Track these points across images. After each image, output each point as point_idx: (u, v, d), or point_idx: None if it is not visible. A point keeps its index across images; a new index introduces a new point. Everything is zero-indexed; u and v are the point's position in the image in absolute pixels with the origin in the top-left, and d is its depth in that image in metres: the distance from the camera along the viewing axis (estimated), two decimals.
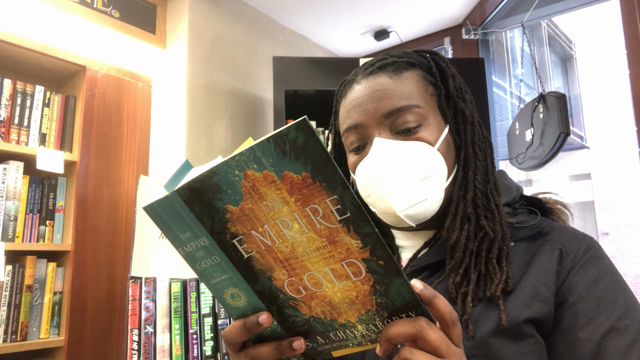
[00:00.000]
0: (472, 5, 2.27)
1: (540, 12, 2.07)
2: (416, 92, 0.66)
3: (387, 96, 0.65)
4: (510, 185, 0.73)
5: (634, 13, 1.52)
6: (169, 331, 1.46)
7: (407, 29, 2.48)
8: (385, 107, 0.64)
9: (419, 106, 0.65)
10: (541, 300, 0.59)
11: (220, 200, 0.42)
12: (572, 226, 0.71)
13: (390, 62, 0.68)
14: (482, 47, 2.35)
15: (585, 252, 0.63)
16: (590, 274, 0.61)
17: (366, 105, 0.65)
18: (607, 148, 9.16)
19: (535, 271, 0.61)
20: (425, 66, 0.70)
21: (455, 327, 0.45)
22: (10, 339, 1.51)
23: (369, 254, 0.43)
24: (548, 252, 0.63)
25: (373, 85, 0.66)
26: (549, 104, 1.68)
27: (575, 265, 0.61)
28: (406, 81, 0.66)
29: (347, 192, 0.40)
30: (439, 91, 0.69)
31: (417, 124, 0.64)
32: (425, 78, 0.68)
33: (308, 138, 0.38)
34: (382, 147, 0.64)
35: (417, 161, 0.63)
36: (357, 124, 0.66)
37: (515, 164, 1.91)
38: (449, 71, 0.70)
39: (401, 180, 0.62)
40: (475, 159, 0.67)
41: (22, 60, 1.72)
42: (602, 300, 0.59)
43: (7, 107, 1.60)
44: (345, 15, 2.33)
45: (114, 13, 1.87)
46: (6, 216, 1.55)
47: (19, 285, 1.55)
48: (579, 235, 0.66)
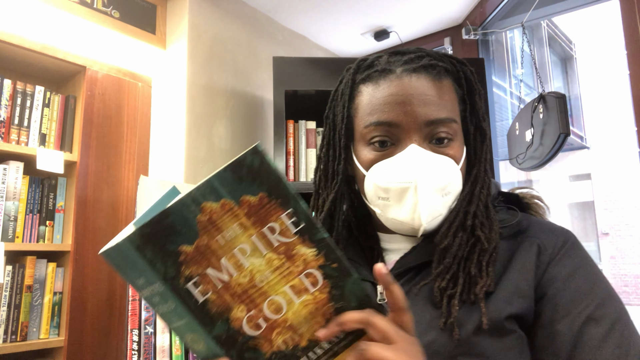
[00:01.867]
0: (472, 6, 2.27)
1: (540, 12, 2.07)
2: (453, 105, 0.66)
3: (432, 103, 0.63)
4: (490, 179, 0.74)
5: (634, 13, 1.52)
6: (169, 331, 1.46)
7: (407, 29, 2.48)
8: (430, 115, 0.62)
9: (455, 121, 0.65)
10: (521, 296, 0.60)
11: (174, 242, 0.42)
12: (549, 220, 0.72)
13: (433, 64, 0.65)
14: (482, 48, 2.35)
15: (562, 245, 0.64)
16: (567, 266, 0.62)
17: (409, 107, 0.62)
18: (607, 148, 9.16)
19: (515, 268, 0.62)
20: (455, 76, 0.68)
21: (405, 314, 0.47)
22: (10, 339, 1.51)
23: (324, 259, 0.46)
24: (527, 249, 0.64)
25: (418, 87, 0.63)
26: (548, 104, 1.68)
27: (552, 259, 0.63)
28: (446, 90, 0.65)
29: (300, 204, 0.44)
30: (464, 106, 0.68)
31: (450, 138, 0.64)
32: (455, 89, 0.67)
33: (262, 161, 0.43)
34: (420, 157, 0.62)
35: (445, 177, 0.63)
36: (393, 122, 0.63)
37: (515, 164, 1.91)
38: (476, 86, 0.69)
39: (434, 195, 0.62)
40: (485, 176, 0.68)
41: (22, 60, 1.72)
42: (580, 291, 0.60)
43: (7, 107, 1.60)
44: (345, 15, 2.33)
45: (114, 13, 1.87)
46: (6, 216, 1.55)
47: (19, 285, 1.55)
48: (556, 229, 0.67)
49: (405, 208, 0.62)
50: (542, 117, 1.71)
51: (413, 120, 0.62)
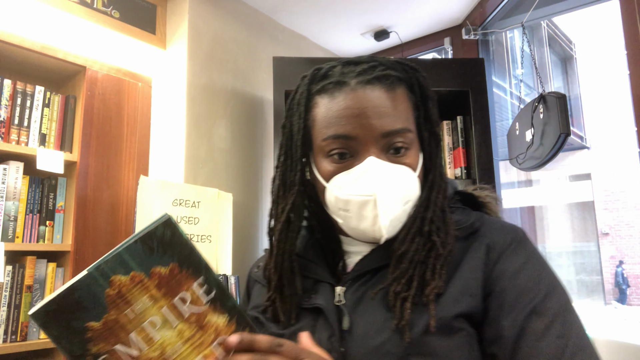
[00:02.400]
0: (472, 6, 2.27)
1: (540, 12, 2.07)
2: (408, 113, 0.67)
3: (387, 114, 0.64)
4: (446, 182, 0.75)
5: (634, 13, 1.52)
6: None
7: (407, 29, 2.48)
8: (386, 127, 0.63)
9: (410, 130, 0.66)
10: (470, 295, 0.62)
11: (80, 319, 0.41)
12: (501, 219, 0.74)
13: (386, 74, 0.66)
14: (482, 48, 2.35)
15: (510, 243, 0.66)
16: (514, 263, 0.64)
17: (365, 119, 0.63)
18: (607, 148, 9.16)
19: (465, 268, 0.64)
20: (408, 83, 0.69)
21: (283, 348, 0.48)
22: (10, 339, 1.51)
23: (236, 325, 0.46)
24: (477, 248, 0.65)
25: (373, 99, 0.64)
26: (549, 104, 1.68)
27: (500, 256, 0.64)
28: (400, 99, 0.66)
29: (211, 272, 0.45)
30: (418, 113, 0.69)
31: (406, 147, 0.65)
32: (409, 97, 0.68)
33: (174, 232, 0.43)
34: (378, 169, 0.63)
35: (404, 187, 0.64)
36: (350, 135, 0.64)
37: (516, 164, 1.91)
38: (429, 92, 0.70)
39: (394, 205, 0.63)
40: (441, 181, 0.69)
41: (22, 60, 1.72)
42: (525, 286, 0.61)
43: (7, 107, 1.60)
44: (345, 15, 2.33)
45: (114, 13, 1.87)
46: (6, 216, 1.55)
47: (19, 285, 1.55)
48: (505, 227, 0.69)
49: (367, 220, 0.63)
50: (542, 117, 1.71)
51: (370, 133, 0.63)
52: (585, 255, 9.48)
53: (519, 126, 1.92)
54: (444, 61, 2.30)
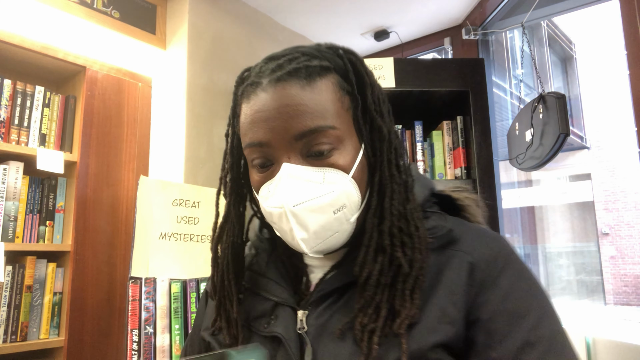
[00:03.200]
0: (472, 6, 2.27)
1: (540, 12, 2.07)
2: (332, 108, 0.57)
3: (299, 113, 0.55)
4: (417, 185, 0.66)
5: (634, 13, 1.52)
6: (169, 331, 1.46)
7: (407, 30, 2.48)
8: (297, 128, 0.55)
9: (334, 127, 0.56)
10: (449, 322, 0.54)
11: None
12: (482, 227, 0.66)
13: (302, 66, 0.57)
14: (482, 48, 2.35)
15: (496, 259, 0.58)
16: (502, 286, 0.56)
17: (274, 123, 0.55)
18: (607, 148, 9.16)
19: (443, 290, 0.56)
20: (341, 69, 0.60)
21: None
22: (10, 339, 1.51)
23: None
24: (456, 267, 0.57)
25: (282, 98, 0.55)
26: (548, 104, 1.68)
27: (485, 279, 0.57)
28: (321, 93, 0.56)
29: None
30: (356, 103, 0.60)
31: (331, 147, 0.56)
32: (340, 86, 0.59)
33: None
34: (291, 177, 0.55)
35: (331, 193, 0.56)
36: (263, 142, 0.57)
37: (515, 164, 1.91)
38: (367, 79, 0.61)
39: (315, 216, 0.56)
40: (392, 182, 0.59)
41: (22, 60, 1.72)
42: (515, 313, 0.55)
43: (7, 107, 1.60)
44: (345, 15, 2.33)
45: (114, 13, 1.87)
46: (6, 216, 1.55)
47: (18, 285, 1.55)
48: (489, 239, 0.61)
49: (288, 234, 0.58)
50: (542, 117, 1.71)
51: (281, 137, 0.55)
52: (585, 255, 9.48)
53: (518, 126, 1.92)
54: (444, 61, 2.30)
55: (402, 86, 1.81)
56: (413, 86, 1.81)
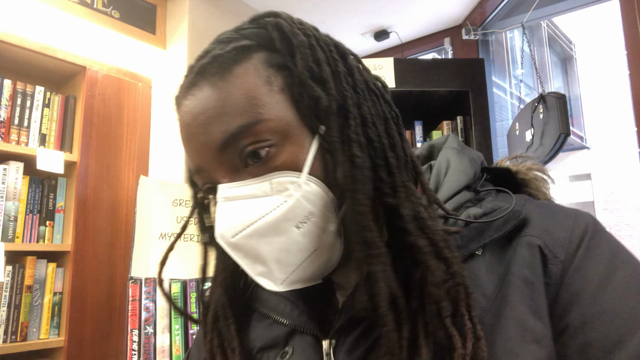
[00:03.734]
0: (472, 6, 2.27)
1: (540, 12, 2.07)
2: (256, 96, 0.43)
3: (214, 119, 0.43)
4: (465, 159, 0.53)
5: (634, 13, 1.52)
6: (169, 332, 1.46)
7: (407, 30, 2.48)
8: (216, 138, 0.43)
9: (262, 120, 0.42)
10: (535, 340, 0.40)
11: None
12: (554, 203, 0.51)
13: (213, 58, 0.45)
14: (482, 48, 2.35)
15: (580, 242, 0.44)
16: (593, 277, 0.42)
17: (195, 141, 0.44)
18: (607, 148, 9.17)
19: (516, 294, 0.42)
20: (268, 42, 0.46)
21: None
22: (10, 339, 1.51)
23: None
24: (527, 259, 0.43)
25: (195, 106, 0.44)
26: (549, 104, 1.68)
27: (567, 269, 0.42)
28: (239, 82, 0.44)
29: None
30: (293, 79, 0.45)
31: (269, 144, 0.43)
32: (268, 63, 0.45)
33: None
34: (228, 201, 0.44)
35: (283, 204, 0.42)
36: (197, 168, 0.46)
37: None
38: (295, 39, 0.45)
39: (266, 244, 0.43)
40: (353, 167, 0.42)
41: (22, 60, 1.72)
42: (619, 314, 0.40)
43: (7, 107, 1.60)
44: (345, 15, 2.33)
45: (114, 13, 1.87)
46: (6, 216, 1.55)
47: (18, 285, 1.55)
48: (565, 216, 0.46)
49: (248, 273, 0.45)
50: (542, 117, 1.71)
51: (207, 155, 0.44)
52: None
53: (518, 126, 1.92)
54: (444, 61, 2.30)
55: (402, 86, 1.81)
56: (413, 86, 1.81)
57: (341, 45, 0.49)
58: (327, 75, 0.44)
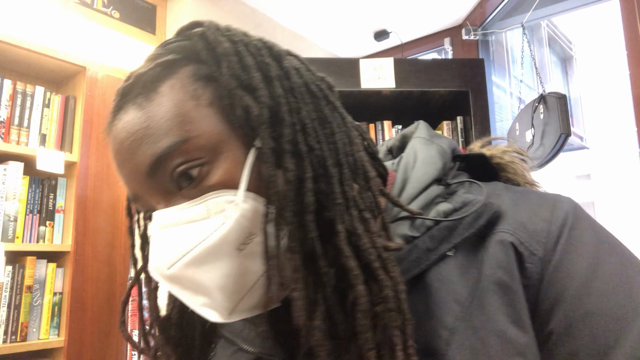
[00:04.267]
0: (472, 6, 2.27)
1: (540, 12, 2.07)
2: (183, 112, 0.40)
3: (140, 143, 0.40)
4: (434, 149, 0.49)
5: (634, 13, 1.52)
6: None
7: (407, 30, 2.48)
8: (143, 162, 0.40)
9: (189, 138, 0.40)
10: (518, 353, 0.37)
11: None
12: (531, 189, 0.47)
13: (137, 78, 0.43)
14: (482, 48, 2.35)
15: (559, 235, 0.39)
16: (576, 273, 0.38)
17: (125, 167, 0.42)
18: (607, 148, 9.17)
19: (492, 301, 0.38)
20: (194, 53, 0.43)
21: None
22: (10, 339, 1.51)
23: None
24: (502, 259, 0.39)
25: (121, 131, 0.42)
26: (549, 104, 1.68)
27: (546, 267, 0.39)
28: (164, 100, 0.41)
29: None
30: (221, 90, 0.42)
31: (199, 163, 0.40)
32: (196, 76, 0.42)
33: None
34: (163, 229, 0.41)
35: (222, 227, 0.39)
36: (133, 196, 0.44)
37: None
38: (219, 47, 0.42)
39: (208, 271, 0.39)
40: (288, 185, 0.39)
41: (22, 60, 1.72)
42: (606, 314, 0.36)
43: (7, 107, 1.60)
44: (345, 15, 2.33)
45: (114, 14, 1.87)
46: (6, 217, 1.55)
47: (18, 285, 1.55)
48: (544, 205, 0.42)
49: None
50: (542, 118, 1.71)
51: (138, 181, 0.42)
52: None
53: (519, 126, 1.92)
54: (444, 61, 2.30)
55: (402, 86, 1.81)
56: (413, 86, 1.81)
57: (276, 47, 0.45)
58: (257, 82, 0.41)
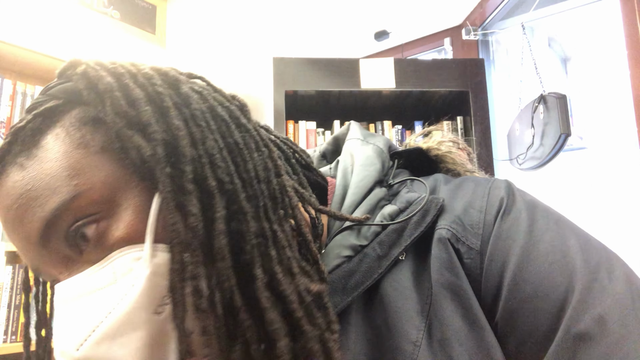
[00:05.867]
0: (472, 6, 2.27)
1: (540, 12, 2.07)
2: (70, 165, 0.35)
3: (26, 209, 0.35)
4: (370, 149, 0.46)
5: (634, 13, 1.52)
6: None
7: (407, 30, 2.48)
8: (33, 230, 0.35)
9: (79, 193, 0.34)
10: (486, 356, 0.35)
11: None
12: (467, 177, 0.44)
13: (14, 134, 0.38)
14: (482, 48, 2.35)
15: (493, 224, 0.37)
16: (509, 262, 0.36)
17: (16, 238, 0.37)
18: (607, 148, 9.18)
19: (447, 307, 0.36)
20: (78, 95, 0.38)
21: None
22: (10, 339, 1.51)
23: None
24: (445, 258, 0.37)
25: (4, 198, 0.36)
26: (549, 104, 1.68)
27: (483, 260, 0.37)
28: (48, 155, 0.36)
29: None
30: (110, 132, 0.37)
31: (94, 219, 0.35)
32: (82, 121, 0.37)
33: None
34: (65, 303, 0.35)
35: (132, 289, 0.34)
36: (33, 268, 0.39)
37: (516, 164, 1.91)
38: (101, 84, 0.36)
39: (123, 345, 0.33)
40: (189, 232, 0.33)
41: (22, 60, 1.71)
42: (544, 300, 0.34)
43: (8, 107, 1.60)
44: (345, 15, 2.33)
45: (114, 14, 1.87)
46: None
47: (19, 285, 1.55)
48: (480, 193, 0.40)
49: None
50: (542, 118, 1.71)
51: (32, 251, 0.36)
52: None
53: (519, 126, 1.92)
54: (444, 61, 2.30)
55: (402, 86, 1.81)
56: (413, 86, 1.82)
57: (172, 73, 0.40)
58: (147, 116, 0.35)
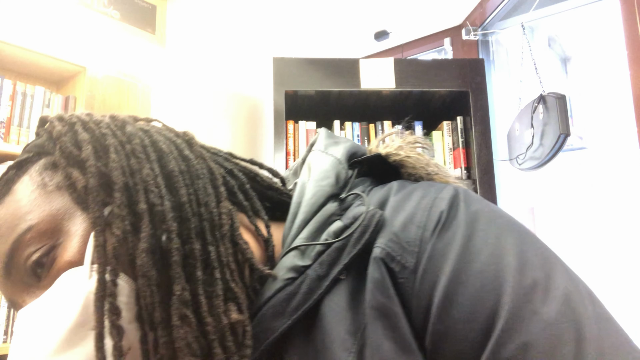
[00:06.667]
0: (472, 6, 2.27)
1: (540, 12, 2.07)
2: (25, 204, 0.40)
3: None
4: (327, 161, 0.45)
5: (634, 13, 1.52)
6: None
7: (407, 30, 2.48)
8: (0, 265, 0.40)
9: (30, 227, 0.39)
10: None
11: None
12: (417, 185, 0.42)
13: None
14: (482, 48, 2.35)
15: (429, 241, 0.35)
16: (439, 281, 0.34)
17: None
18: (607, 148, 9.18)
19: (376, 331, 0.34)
20: (43, 147, 0.44)
21: None
22: (10, 339, 1.51)
23: None
24: (378, 279, 0.35)
25: None
26: (549, 104, 1.68)
27: (416, 278, 0.34)
28: (14, 199, 0.41)
29: None
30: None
31: (47, 249, 0.38)
32: (44, 167, 0.43)
33: None
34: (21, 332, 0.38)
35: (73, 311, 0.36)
36: (9, 302, 0.43)
37: (516, 164, 1.91)
38: (54, 132, 0.42)
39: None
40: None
41: (22, 60, 1.72)
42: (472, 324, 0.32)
43: (8, 107, 1.60)
44: (345, 15, 2.33)
45: (114, 14, 1.87)
46: None
47: None
48: (423, 205, 0.37)
49: None
50: (542, 118, 1.71)
51: (4, 287, 0.41)
52: None
53: (519, 126, 1.92)
54: (444, 62, 2.30)
55: (402, 86, 1.81)
56: (413, 86, 1.82)
57: (121, 117, 0.46)
58: (87, 154, 0.40)
